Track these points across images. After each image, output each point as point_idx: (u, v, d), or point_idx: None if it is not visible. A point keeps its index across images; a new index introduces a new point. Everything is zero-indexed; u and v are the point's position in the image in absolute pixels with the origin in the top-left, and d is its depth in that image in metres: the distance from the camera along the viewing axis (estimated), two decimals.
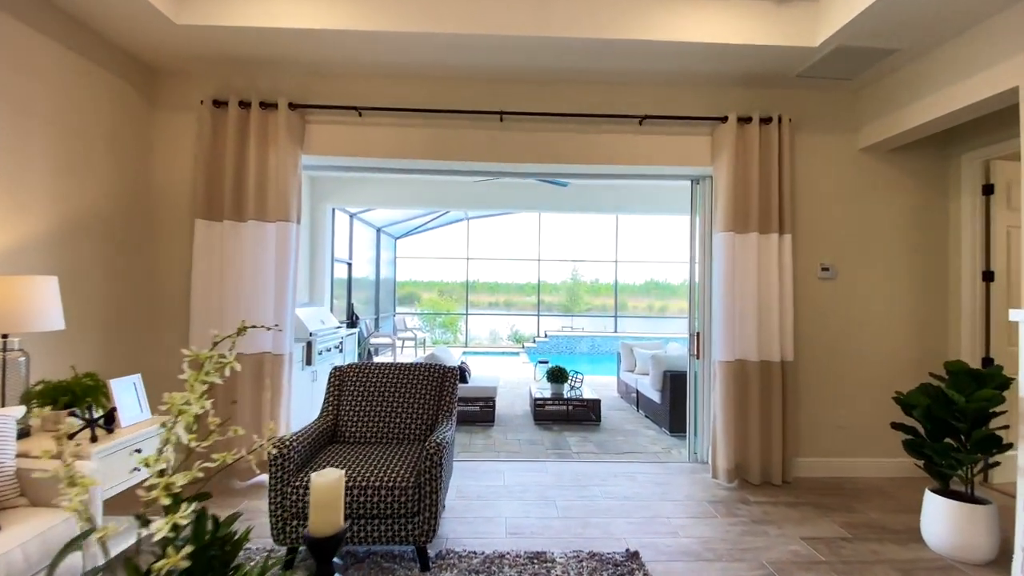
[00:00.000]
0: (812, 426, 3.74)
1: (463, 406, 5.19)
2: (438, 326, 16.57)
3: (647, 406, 5.52)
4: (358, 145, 3.62)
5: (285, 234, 3.46)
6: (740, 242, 3.57)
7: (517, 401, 6.30)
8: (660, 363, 5.09)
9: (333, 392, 2.91)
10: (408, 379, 2.92)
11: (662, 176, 4.04)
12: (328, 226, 6.83)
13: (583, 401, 5.32)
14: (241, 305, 3.40)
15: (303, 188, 6.43)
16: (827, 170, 3.78)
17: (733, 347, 3.53)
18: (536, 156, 3.66)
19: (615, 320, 13.00)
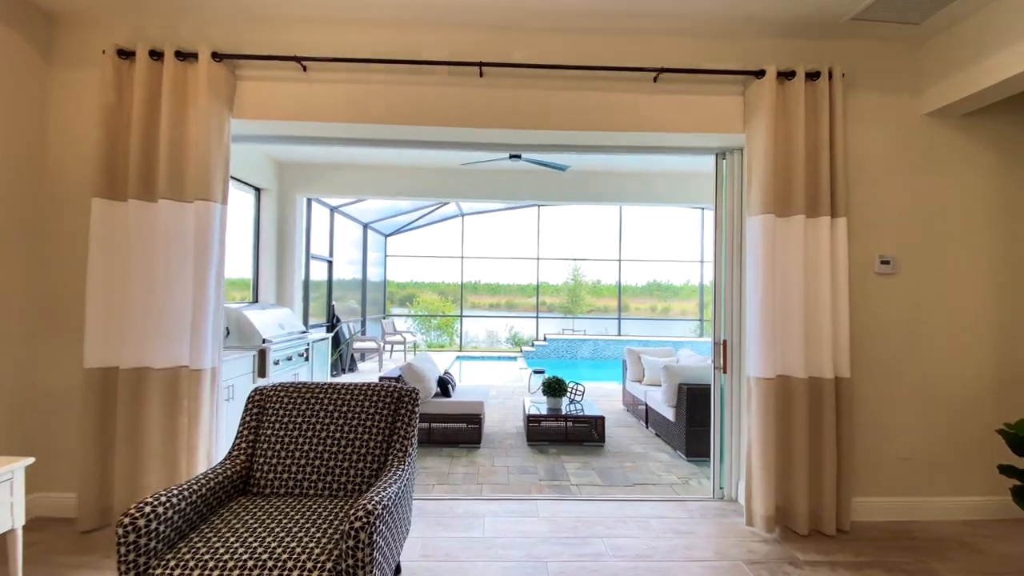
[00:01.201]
0: (871, 458, 3.01)
1: (445, 423, 4.46)
2: (434, 328, 15.88)
3: (659, 424, 4.78)
4: (303, 107, 2.90)
5: (206, 217, 2.74)
6: (782, 228, 2.84)
7: (509, 417, 5.56)
8: (673, 375, 4.35)
9: (250, 423, 2.19)
10: (351, 405, 2.19)
11: (679, 150, 3.31)
12: (299, 218, 6.11)
13: (584, 418, 4.58)
14: (152, 306, 2.68)
15: (268, 173, 5.75)
16: (884, 139, 3.05)
17: (773, 360, 2.79)
18: (524, 121, 2.93)
19: (618, 322, 12.25)
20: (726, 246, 3.31)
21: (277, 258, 5.93)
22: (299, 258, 6.14)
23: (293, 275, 5.97)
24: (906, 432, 3.02)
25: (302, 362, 4.90)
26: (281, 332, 4.58)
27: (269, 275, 5.80)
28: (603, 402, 6.27)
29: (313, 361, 5.26)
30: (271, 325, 4.50)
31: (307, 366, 5.04)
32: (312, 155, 5.76)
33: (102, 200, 2.71)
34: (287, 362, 4.56)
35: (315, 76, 2.88)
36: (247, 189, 5.68)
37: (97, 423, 2.73)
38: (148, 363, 2.69)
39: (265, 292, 5.77)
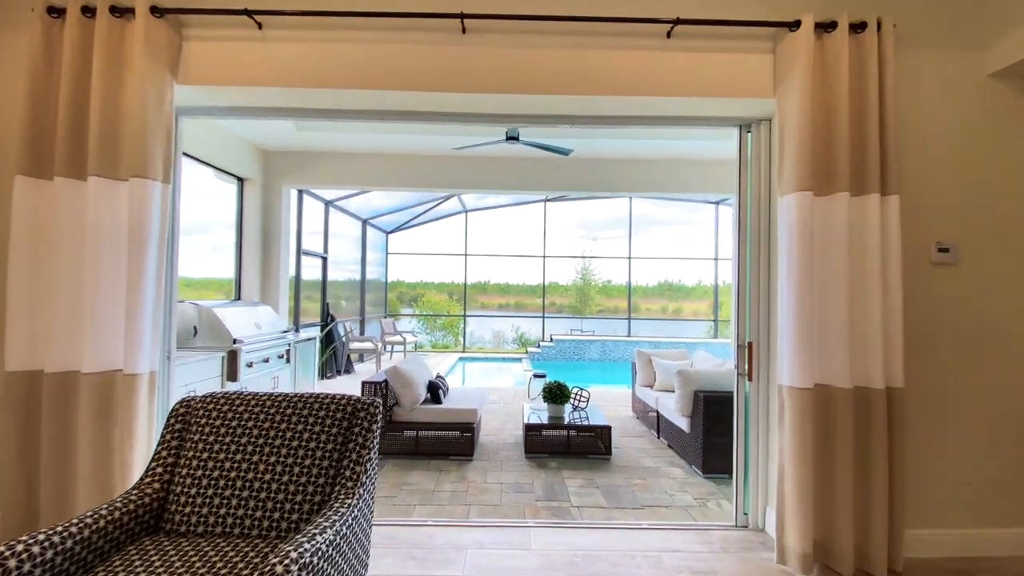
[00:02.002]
0: (925, 483, 2.54)
1: (435, 432, 4.04)
2: (438, 328, 15.51)
3: (671, 434, 4.32)
4: (259, 71, 2.51)
5: (143, 196, 2.35)
6: (821, 208, 2.38)
7: (508, 423, 5.13)
8: (688, 381, 3.89)
9: (169, 443, 1.79)
10: (294, 422, 1.78)
11: (696, 120, 2.86)
12: (286, 211, 5.75)
13: (589, 427, 4.14)
14: (83, 300, 2.31)
15: (251, 162, 5.37)
16: (941, 103, 2.58)
17: (811, 367, 2.33)
18: (514, 83, 2.50)
19: (628, 323, 11.76)
20: (751, 234, 2.87)
21: (262, 253, 5.57)
22: (286, 254, 5.78)
23: (279, 272, 5.61)
24: (966, 451, 2.54)
25: (282, 364, 4.52)
26: (257, 332, 4.21)
27: (253, 271, 5.45)
28: (610, 408, 5.82)
29: (296, 363, 4.89)
30: (245, 324, 4.13)
31: (288, 369, 4.66)
32: (299, 142, 5.39)
33: (25, 178, 2.34)
34: (263, 364, 4.19)
35: (272, 34, 2.49)
36: (229, 179, 5.33)
37: (20, 434, 2.36)
38: (77, 366, 2.32)
39: (249, 290, 5.42)
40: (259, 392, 1.90)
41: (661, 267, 13.70)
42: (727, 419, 3.71)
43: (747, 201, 2.92)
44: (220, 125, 4.76)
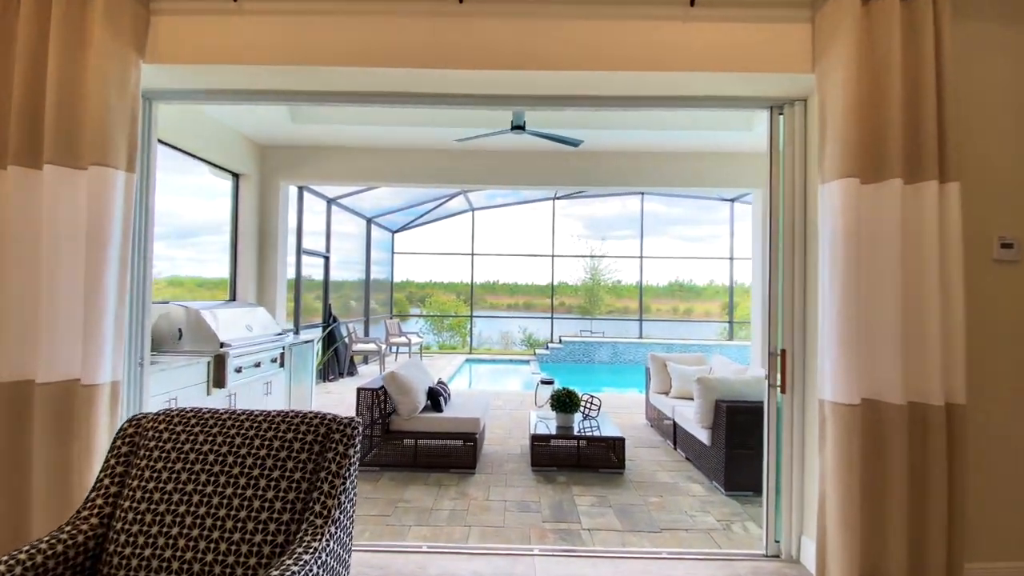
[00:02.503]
0: (988, 509, 2.22)
1: (434, 442, 3.78)
2: (446, 329, 15.29)
3: (689, 446, 4.02)
4: (235, 47, 2.26)
5: (104, 186, 2.11)
6: (870, 197, 2.08)
7: (515, 431, 4.86)
8: (709, 389, 3.59)
9: (113, 470, 1.54)
10: (257, 446, 1.52)
11: (721, 101, 2.56)
12: (283, 208, 5.52)
13: (601, 439, 3.85)
14: (40, 300, 2.08)
15: (246, 156, 5.11)
16: (1007, 79, 2.27)
17: (858, 380, 2.03)
18: (516, 58, 2.23)
19: (640, 324, 11.42)
20: (784, 229, 2.57)
21: (258, 252, 5.35)
22: (284, 252, 5.56)
23: (276, 271, 5.39)
24: None
25: (275, 369, 4.29)
26: (248, 335, 3.97)
27: (249, 272, 5.23)
28: (623, 415, 5.53)
29: (292, 367, 4.66)
30: (235, 326, 3.90)
31: (282, 373, 4.43)
32: (295, 136, 5.16)
33: None
34: (254, 369, 3.95)
35: (249, 6, 2.24)
36: (223, 175, 5.11)
37: None
38: (31, 375, 2.09)
39: (244, 290, 5.20)
40: (220, 409, 1.65)
41: (671, 267, 13.38)
42: (752, 432, 3.41)
43: (779, 192, 2.61)
44: (211, 117, 4.54)
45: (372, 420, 3.75)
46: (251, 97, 2.61)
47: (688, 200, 12.39)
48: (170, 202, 4.81)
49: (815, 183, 2.35)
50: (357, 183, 5.65)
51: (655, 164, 5.50)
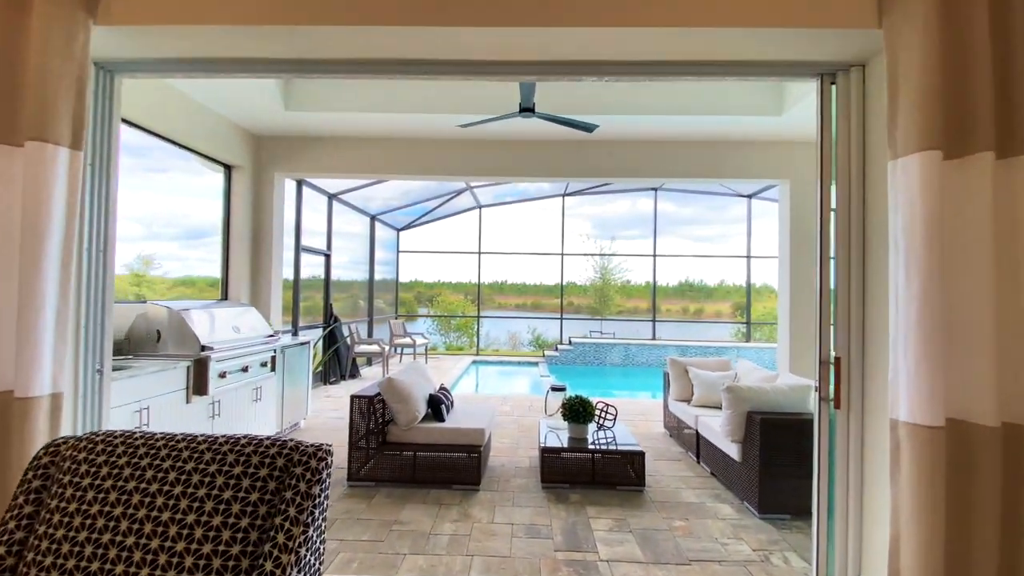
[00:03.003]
0: None
1: (436, 454, 3.45)
2: (453, 329, 15.01)
3: (716, 461, 3.65)
4: (203, 4, 1.95)
5: (43, 164, 1.81)
6: (954, 175, 1.71)
7: (523, 441, 4.52)
8: (740, 399, 3.23)
9: (22, 509, 1.23)
10: (196, 483, 1.20)
11: (761, 68, 2.20)
12: (278, 201, 5.23)
13: (618, 452, 3.50)
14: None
15: (238, 147, 4.71)
16: None
17: (943, 395, 1.67)
18: (521, 15, 1.89)
19: (652, 325, 11.03)
20: (838, 218, 2.20)
21: (251, 249, 5.06)
22: (280, 249, 5.27)
23: (270, 269, 5.10)
24: None
25: (265, 373, 3.99)
26: (235, 337, 3.68)
27: (242, 270, 4.95)
28: (639, 423, 5.17)
29: (284, 371, 4.36)
30: (220, 328, 3.60)
31: (274, 378, 4.13)
32: (291, 125, 4.86)
33: None
34: (241, 374, 3.66)
35: None
36: (215, 167, 4.84)
37: None
38: None
39: (237, 289, 4.91)
40: (156, 434, 1.33)
41: (683, 267, 13.02)
42: (790, 448, 3.05)
43: (831, 175, 2.25)
44: (198, 103, 4.26)
45: (368, 430, 3.43)
46: (229, 67, 2.29)
47: (699, 200, 12.18)
48: (181, 203, 4.59)
49: (876, 163, 2.00)
50: (357, 175, 5.35)
51: (674, 153, 5.13)
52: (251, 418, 3.88)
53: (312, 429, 4.81)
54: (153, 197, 4.29)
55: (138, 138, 3.77)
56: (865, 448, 2.09)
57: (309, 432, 4.72)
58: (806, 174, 5.08)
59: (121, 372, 2.68)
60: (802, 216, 5.11)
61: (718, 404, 4.21)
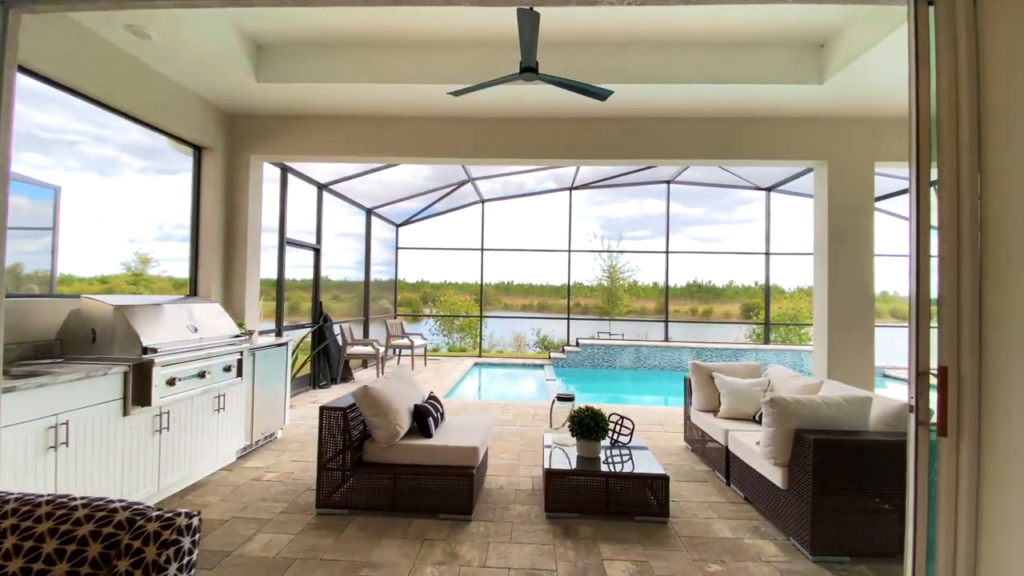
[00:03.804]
0: None
1: (424, 477, 2.92)
2: (456, 330, 14.52)
3: (752, 485, 3.10)
4: None
5: None
6: None
7: (525, 455, 3.99)
8: (787, 415, 2.67)
9: None
10: None
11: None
12: (254, 187, 4.73)
13: (637, 477, 2.95)
14: None
15: (209, 125, 4.16)
16: None
17: None
18: None
19: (665, 326, 10.44)
20: (944, 189, 1.65)
21: (224, 239, 4.57)
22: (257, 240, 4.77)
23: (245, 263, 4.60)
24: None
25: (229, 378, 3.48)
26: (189, 338, 3.17)
27: (214, 262, 4.45)
28: (655, 434, 4.62)
29: (255, 376, 3.85)
30: (171, 327, 3.09)
31: (240, 384, 3.62)
32: (268, 101, 4.36)
33: None
34: (196, 380, 3.15)
35: None
36: (184, 150, 4.35)
37: None
38: None
39: (208, 284, 4.42)
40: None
41: (690, 268, 12.55)
42: (850, 475, 2.49)
43: (928, 130, 1.69)
44: (161, 74, 3.77)
45: (341, 448, 2.91)
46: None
47: (706, 200, 11.94)
48: (185, 203, 4.23)
49: (1000, 113, 1.44)
50: (342, 158, 4.84)
51: (696, 131, 4.58)
52: (210, 431, 3.38)
53: (289, 440, 4.30)
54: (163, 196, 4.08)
55: (140, 134, 3.30)
56: (984, 485, 1.53)
57: (285, 443, 4.21)
58: (849, 154, 4.48)
59: (27, 380, 2.17)
60: (843, 203, 4.50)
61: (749, 416, 3.66)
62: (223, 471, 3.55)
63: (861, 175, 4.44)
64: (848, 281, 4.43)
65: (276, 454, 3.94)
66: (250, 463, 3.72)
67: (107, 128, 3.62)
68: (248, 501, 3.06)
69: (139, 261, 4.51)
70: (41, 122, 3.22)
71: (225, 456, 3.61)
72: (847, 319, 4.42)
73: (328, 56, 3.90)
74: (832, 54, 3.68)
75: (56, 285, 3.49)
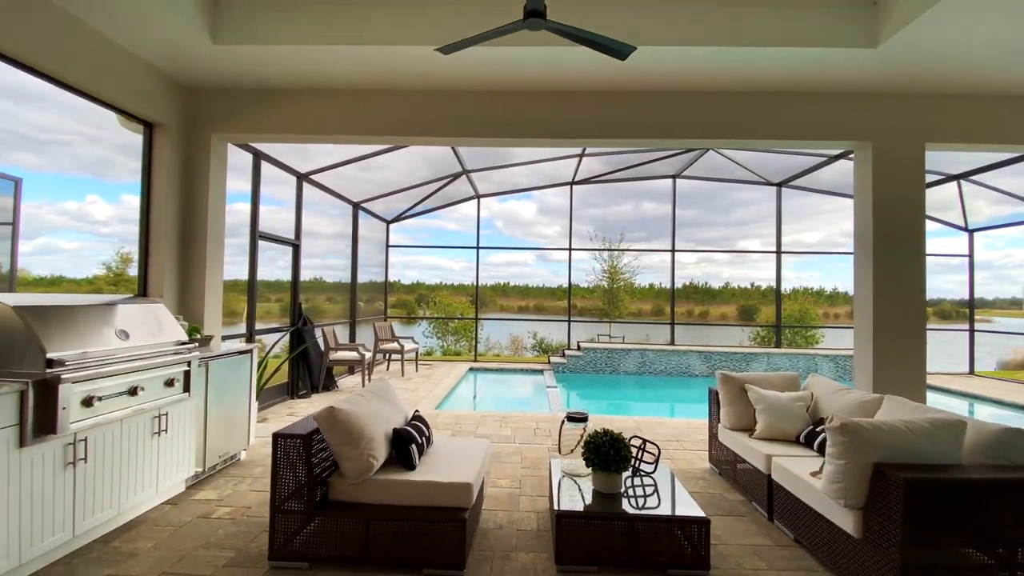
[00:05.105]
0: None
1: (404, 521, 2.33)
2: (450, 332, 13.96)
3: (804, 523, 2.54)
4: None
5: None
6: None
7: (529, 481, 3.42)
8: (865, 444, 2.11)
9: None
10: None
11: None
12: (216, 172, 4.14)
13: (668, 520, 2.38)
14: None
15: (160, 98, 3.56)
16: None
17: None
18: None
19: (671, 328, 9.88)
20: None
21: (180, 230, 3.98)
22: (218, 231, 4.18)
23: (205, 256, 4.01)
24: None
25: (173, 395, 2.89)
26: (118, 346, 2.58)
27: (167, 256, 3.86)
28: (674, 453, 4.06)
29: (208, 390, 3.27)
30: (90, 333, 2.51)
31: (188, 400, 3.03)
32: (230, 70, 3.78)
33: None
34: (126, 399, 2.56)
35: None
36: (133, 127, 3.76)
37: None
38: None
39: (161, 282, 3.83)
40: None
41: (687, 270, 12.30)
42: (953, 524, 1.94)
43: None
44: (98, 32, 3.18)
45: (302, 482, 2.33)
46: None
47: (702, 200, 11.71)
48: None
49: None
50: (318, 137, 4.24)
51: (720, 106, 4.02)
52: (148, 459, 2.79)
53: (254, 463, 3.71)
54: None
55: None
56: None
57: (249, 467, 3.62)
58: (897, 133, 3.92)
59: None
60: (891, 190, 3.93)
61: (792, 437, 3.11)
62: (166, 505, 2.95)
63: (911, 157, 3.90)
64: (897, 280, 3.89)
65: (235, 481, 3.35)
66: (201, 494, 3.13)
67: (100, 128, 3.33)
68: (187, 548, 2.47)
69: (120, 261, 4.14)
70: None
71: (170, 487, 3.02)
72: (895, 323, 3.87)
73: (295, 13, 3.33)
74: (888, 11, 3.14)
75: (16, 285, 3.02)
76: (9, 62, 2.80)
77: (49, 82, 3.04)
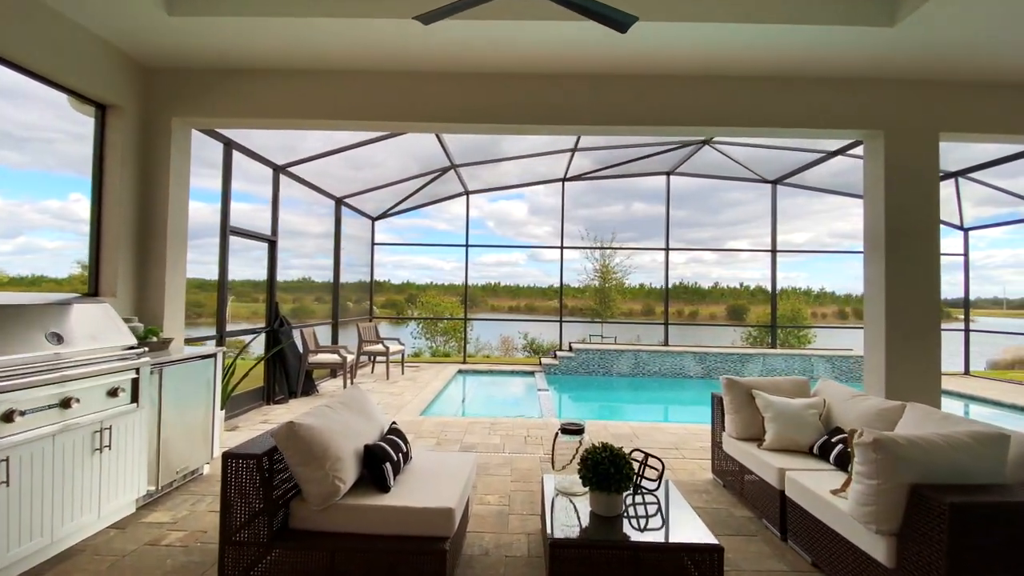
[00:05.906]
0: None
1: (377, 549, 2.04)
2: (439, 332, 13.66)
3: (826, 547, 2.29)
4: None
5: None
6: None
7: (518, 498, 3.14)
8: (897, 462, 1.86)
9: None
10: None
11: None
12: (177, 160, 3.81)
13: (677, 549, 2.11)
14: None
15: (116, 77, 3.26)
16: None
17: None
18: None
19: (665, 328, 9.65)
20: None
21: (136, 223, 3.64)
22: (180, 225, 3.84)
23: (165, 252, 3.67)
24: None
25: (118, 406, 2.57)
26: (48, 352, 2.26)
27: (121, 251, 3.52)
28: (673, 462, 3.80)
29: (164, 400, 2.94)
30: (11, 338, 2.18)
31: (136, 414, 2.70)
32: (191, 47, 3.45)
33: None
34: (57, 412, 2.24)
35: None
36: (84, 109, 3.42)
37: None
38: None
39: (114, 280, 3.49)
40: None
41: (677, 270, 12.24)
42: (1005, 556, 1.70)
43: None
44: (48, 7, 2.84)
45: (255, 512, 2.02)
46: None
47: (693, 200, 11.64)
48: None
49: None
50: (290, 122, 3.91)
51: (723, 92, 3.77)
52: (87, 479, 2.46)
53: (217, 478, 3.38)
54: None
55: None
56: None
57: (211, 482, 3.30)
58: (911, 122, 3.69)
59: None
60: (905, 182, 3.71)
61: (805, 448, 2.86)
62: (111, 530, 2.63)
63: (925, 148, 3.69)
64: (910, 277, 3.67)
65: (193, 500, 3.03)
66: (153, 516, 2.81)
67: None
68: None
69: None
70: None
71: (116, 509, 2.69)
72: (909, 324, 3.66)
73: None
74: None
75: None
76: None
77: (26, 74, 2.70)
